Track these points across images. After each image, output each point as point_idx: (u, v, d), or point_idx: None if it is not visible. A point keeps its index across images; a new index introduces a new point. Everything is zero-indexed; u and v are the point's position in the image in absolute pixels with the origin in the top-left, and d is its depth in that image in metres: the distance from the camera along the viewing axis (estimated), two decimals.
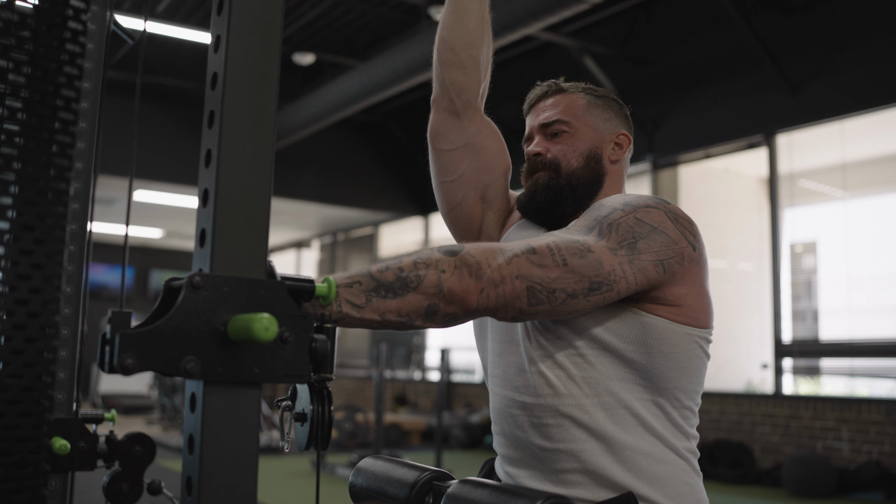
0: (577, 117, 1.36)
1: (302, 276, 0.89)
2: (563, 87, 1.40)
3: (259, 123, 0.79)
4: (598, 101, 1.40)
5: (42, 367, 0.74)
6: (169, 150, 8.96)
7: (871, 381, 6.97)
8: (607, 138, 1.38)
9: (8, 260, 0.72)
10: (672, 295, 1.15)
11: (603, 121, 1.38)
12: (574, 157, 1.34)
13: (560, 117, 1.36)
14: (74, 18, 0.76)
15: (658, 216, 1.15)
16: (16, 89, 0.73)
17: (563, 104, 1.37)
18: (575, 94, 1.38)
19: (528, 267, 1.04)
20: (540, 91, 1.42)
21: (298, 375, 0.82)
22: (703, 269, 1.20)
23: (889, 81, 6.00)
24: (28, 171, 0.73)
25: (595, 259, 1.07)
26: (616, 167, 1.38)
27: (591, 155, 1.35)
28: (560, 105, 1.37)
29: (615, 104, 1.43)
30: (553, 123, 1.36)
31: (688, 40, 7.38)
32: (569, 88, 1.39)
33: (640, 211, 1.15)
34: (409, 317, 0.99)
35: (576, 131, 1.35)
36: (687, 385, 1.18)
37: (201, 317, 0.75)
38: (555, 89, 1.40)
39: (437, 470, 1.13)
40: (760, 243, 7.39)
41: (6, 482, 0.72)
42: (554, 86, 1.40)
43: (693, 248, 1.16)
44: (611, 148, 1.38)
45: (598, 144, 1.36)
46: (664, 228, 1.14)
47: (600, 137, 1.37)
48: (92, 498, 4.25)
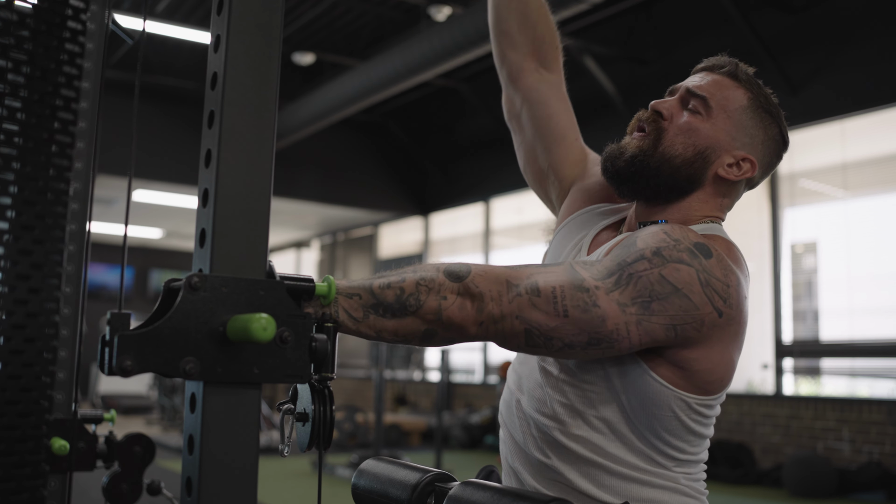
0: (724, 109, 1.19)
1: (302, 275, 0.88)
2: (739, 76, 1.21)
3: (259, 123, 0.79)
4: (758, 112, 1.21)
5: (41, 367, 0.74)
6: (168, 150, 8.96)
7: (872, 382, 6.97)
8: (732, 150, 1.19)
9: (7, 260, 0.71)
10: (681, 358, 1.06)
11: (744, 132, 1.20)
12: (683, 142, 1.18)
13: (708, 95, 1.19)
14: (74, 18, 0.75)
15: (687, 276, 1.03)
16: (15, 89, 0.73)
17: (724, 89, 1.20)
18: (742, 91, 1.20)
19: (529, 309, 0.98)
20: (718, 62, 1.24)
21: (298, 375, 0.82)
22: (728, 334, 1.08)
23: (890, 81, 6.00)
24: (27, 171, 0.73)
25: (599, 315, 1.00)
26: (719, 187, 1.21)
27: (702, 155, 1.18)
28: (721, 88, 1.20)
29: (774, 126, 1.22)
30: (697, 96, 1.20)
31: (688, 40, 7.38)
32: (745, 82, 1.21)
33: (669, 267, 1.03)
34: (405, 337, 0.97)
35: (709, 122, 1.19)
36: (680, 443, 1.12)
37: (200, 317, 0.74)
38: (731, 70, 1.22)
39: (439, 471, 1.13)
40: (761, 243, 7.39)
41: (5, 482, 0.72)
42: (734, 66, 1.22)
43: (719, 313, 1.04)
44: (728, 162, 1.19)
45: (718, 149, 1.19)
46: (688, 291, 1.03)
47: (727, 144, 1.19)
48: (91, 498, 4.25)
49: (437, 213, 10.86)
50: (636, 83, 7.68)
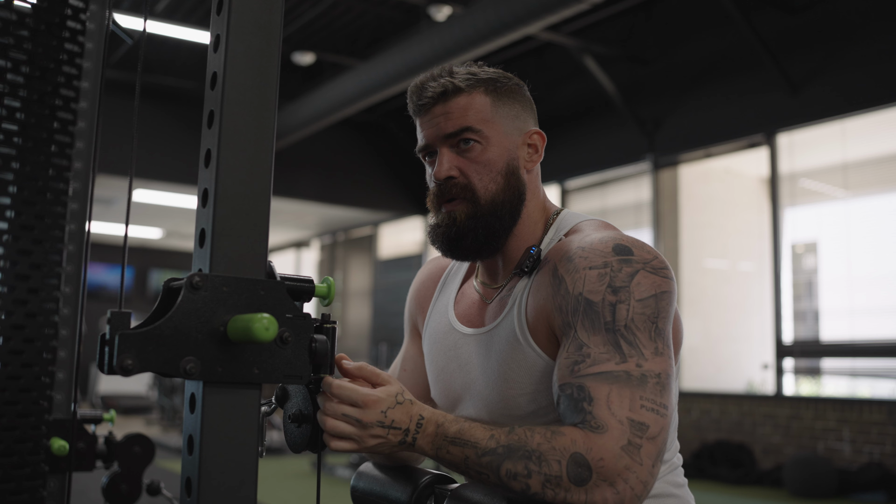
0: (486, 122, 1.16)
1: (301, 275, 0.88)
2: (460, 86, 1.16)
3: (259, 123, 0.79)
4: (502, 96, 1.18)
5: (41, 367, 0.74)
6: (168, 149, 8.96)
7: (873, 382, 6.97)
8: (519, 142, 1.19)
9: (6, 260, 0.71)
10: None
11: (511, 119, 1.18)
12: (490, 177, 1.15)
13: (470, 124, 1.15)
14: (73, 18, 0.75)
15: (645, 279, 1.05)
16: (14, 89, 0.73)
17: (470, 107, 1.16)
18: (478, 94, 1.16)
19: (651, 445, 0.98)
20: (434, 91, 1.17)
21: (298, 376, 0.82)
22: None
23: (890, 81, 6.00)
24: (27, 171, 0.73)
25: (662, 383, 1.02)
26: (532, 176, 1.21)
27: (509, 170, 1.16)
28: (466, 109, 1.15)
29: (518, 90, 1.21)
30: (461, 132, 1.15)
31: (688, 40, 7.38)
32: (467, 86, 1.16)
33: (633, 286, 1.04)
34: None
35: (487, 141, 1.15)
36: None
37: (201, 317, 0.74)
38: (453, 88, 1.16)
39: (437, 473, 1.13)
40: (761, 243, 7.39)
41: (5, 483, 0.72)
42: (450, 84, 1.16)
43: (673, 281, 1.08)
44: (525, 153, 1.19)
45: (512, 154, 1.17)
46: (657, 288, 1.05)
47: (513, 143, 1.18)
48: (91, 499, 4.25)
49: None
50: (636, 83, 7.68)
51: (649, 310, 1.04)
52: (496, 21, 5.89)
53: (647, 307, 1.04)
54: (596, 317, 1.04)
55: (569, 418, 1.00)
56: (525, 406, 1.12)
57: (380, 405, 0.98)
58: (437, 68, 1.20)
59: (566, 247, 1.12)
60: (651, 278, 1.06)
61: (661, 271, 1.07)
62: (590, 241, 1.10)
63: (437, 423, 1.01)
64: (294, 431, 1.01)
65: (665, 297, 1.06)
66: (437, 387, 1.27)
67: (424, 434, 1.00)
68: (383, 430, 0.98)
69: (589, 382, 1.00)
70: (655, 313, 1.04)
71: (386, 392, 0.99)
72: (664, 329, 1.05)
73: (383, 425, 0.98)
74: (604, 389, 0.99)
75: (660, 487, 1.15)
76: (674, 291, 1.08)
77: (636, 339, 1.02)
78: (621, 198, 8.39)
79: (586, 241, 1.10)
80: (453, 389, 1.22)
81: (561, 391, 1.02)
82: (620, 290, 1.04)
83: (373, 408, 0.97)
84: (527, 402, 1.12)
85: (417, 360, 1.35)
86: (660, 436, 0.98)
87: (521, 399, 1.12)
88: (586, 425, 0.97)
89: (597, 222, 1.18)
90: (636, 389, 0.99)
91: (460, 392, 1.21)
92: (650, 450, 0.97)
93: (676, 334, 1.15)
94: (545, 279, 1.11)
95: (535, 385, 1.10)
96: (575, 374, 1.01)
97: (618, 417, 0.97)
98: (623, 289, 1.04)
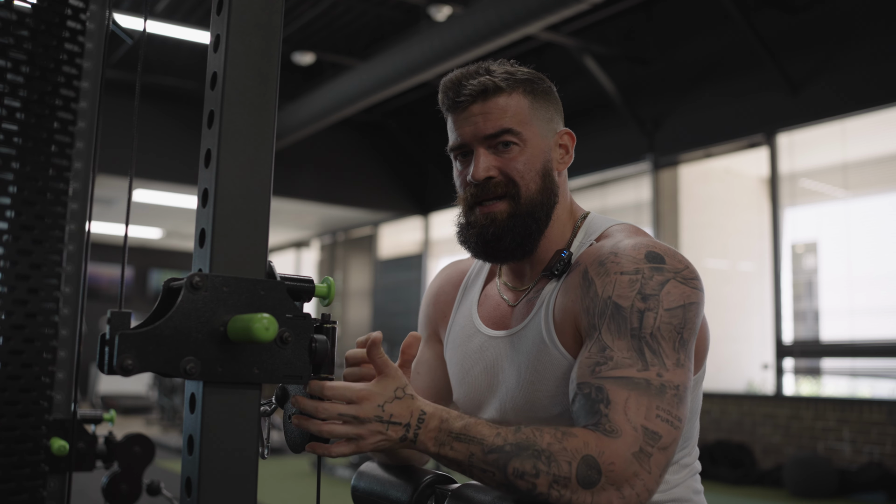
0: (524, 124, 1.15)
1: (301, 275, 0.88)
2: (501, 86, 1.15)
3: (259, 123, 0.79)
4: (539, 97, 1.18)
5: (41, 367, 0.74)
6: (168, 149, 8.96)
7: (873, 382, 6.97)
8: (553, 143, 1.19)
9: (6, 260, 0.71)
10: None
11: (546, 121, 1.18)
12: (532, 177, 1.15)
13: (511, 126, 1.14)
14: (73, 18, 0.75)
15: (675, 288, 1.05)
16: (14, 89, 0.73)
17: (508, 108, 1.15)
18: (517, 94, 1.16)
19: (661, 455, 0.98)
20: (473, 89, 1.15)
21: (298, 376, 0.82)
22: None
23: (890, 81, 6.00)
24: (27, 171, 0.72)
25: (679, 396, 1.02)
26: (562, 178, 1.21)
27: (545, 172, 1.16)
28: (505, 110, 1.14)
29: (551, 91, 1.22)
30: (501, 134, 1.14)
31: (688, 40, 7.38)
32: (507, 86, 1.15)
33: (663, 295, 1.04)
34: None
35: (525, 143, 1.15)
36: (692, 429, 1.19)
37: (201, 317, 0.74)
38: (493, 87, 1.14)
39: (438, 473, 1.13)
40: (761, 243, 7.38)
41: (5, 483, 0.72)
42: (490, 83, 1.14)
43: (702, 292, 1.09)
44: (558, 155, 1.19)
45: (547, 156, 1.17)
46: (686, 299, 1.05)
47: (547, 145, 1.18)
48: (91, 499, 4.25)
49: (437, 213, 10.86)
50: (636, 83, 7.68)
51: (676, 320, 1.04)
52: (496, 21, 5.89)
53: (674, 317, 1.04)
54: (623, 321, 1.04)
55: (582, 419, 1.00)
56: (550, 408, 1.12)
57: (375, 399, 0.97)
58: (474, 65, 1.19)
59: (598, 251, 1.12)
60: (681, 288, 1.06)
61: (691, 282, 1.07)
62: (623, 246, 1.10)
63: (441, 418, 1.00)
64: (294, 431, 1.01)
65: (693, 308, 1.06)
66: (461, 389, 1.26)
67: (426, 429, 0.99)
68: (382, 426, 0.97)
69: (608, 385, 1.00)
70: (682, 324, 1.04)
71: (382, 386, 0.98)
72: (688, 341, 1.05)
73: (381, 420, 0.97)
74: (622, 394, 0.99)
75: (680, 492, 1.15)
76: (702, 302, 1.08)
77: (660, 348, 1.02)
78: (621, 198, 8.39)
79: (619, 246, 1.10)
80: (479, 391, 1.22)
81: (579, 389, 1.02)
82: (650, 298, 1.04)
83: (368, 402, 0.96)
84: (552, 404, 1.11)
85: (432, 364, 1.35)
86: (671, 447, 0.98)
87: (546, 401, 1.12)
88: (600, 428, 0.97)
89: (628, 227, 1.18)
90: (654, 399, 0.99)
91: (486, 394, 1.21)
92: (660, 459, 0.97)
93: (703, 341, 1.14)
94: (575, 281, 1.11)
95: (561, 387, 1.10)
96: (595, 375, 1.01)
97: (633, 424, 0.97)
98: (653, 297, 1.04)
